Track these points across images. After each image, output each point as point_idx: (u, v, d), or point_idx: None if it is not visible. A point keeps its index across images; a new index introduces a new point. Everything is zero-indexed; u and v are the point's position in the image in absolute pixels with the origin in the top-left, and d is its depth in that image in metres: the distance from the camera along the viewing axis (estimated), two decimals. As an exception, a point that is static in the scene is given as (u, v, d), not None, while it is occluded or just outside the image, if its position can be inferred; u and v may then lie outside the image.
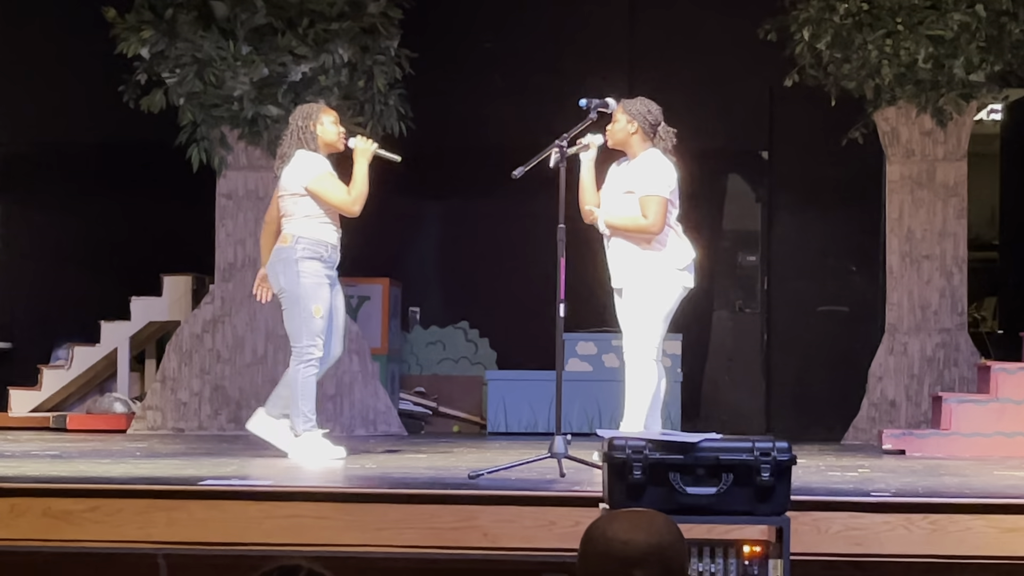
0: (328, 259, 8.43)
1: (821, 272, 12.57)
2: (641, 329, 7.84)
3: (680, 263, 7.89)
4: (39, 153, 12.93)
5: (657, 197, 7.81)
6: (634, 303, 7.88)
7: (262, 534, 6.01)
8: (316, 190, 8.37)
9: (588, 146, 7.97)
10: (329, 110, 8.70)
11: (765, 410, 12.48)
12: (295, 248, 8.34)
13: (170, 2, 11.07)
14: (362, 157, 8.50)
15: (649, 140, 7.95)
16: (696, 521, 5.19)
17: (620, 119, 7.95)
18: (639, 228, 7.83)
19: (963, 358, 11.15)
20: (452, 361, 12.92)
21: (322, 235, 8.40)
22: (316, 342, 8.35)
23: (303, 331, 8.35)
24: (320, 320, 8.34)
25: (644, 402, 7.83)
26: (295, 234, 8.36)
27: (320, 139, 8.49)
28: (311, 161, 8.42)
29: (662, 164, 7.89)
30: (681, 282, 7.90)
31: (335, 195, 8.38)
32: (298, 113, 8.61)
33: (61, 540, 6.05)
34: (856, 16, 10.94)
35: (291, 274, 8.33)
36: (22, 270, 12.93)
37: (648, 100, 8.01)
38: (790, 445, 5.20)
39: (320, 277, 8.36)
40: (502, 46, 12.73)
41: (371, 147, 8.53)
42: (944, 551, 5.88)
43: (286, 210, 8.42)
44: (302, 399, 8.37)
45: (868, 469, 8.15)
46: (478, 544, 5.96)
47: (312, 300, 8.33)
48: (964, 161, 11.25)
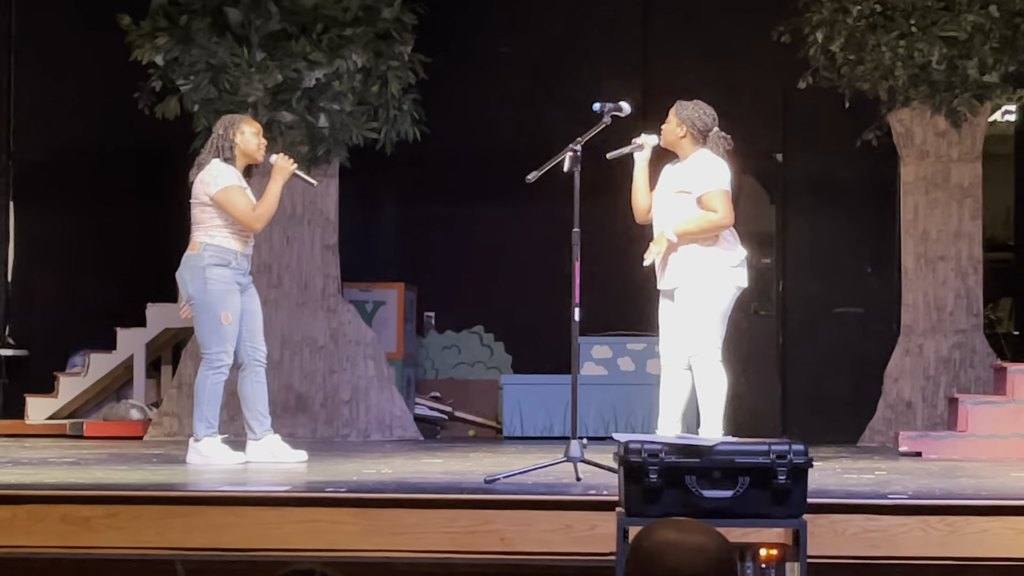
0: (237, 266, 8.49)
1: (836, 274, 12.56)
2: (702, 331, 7.79)
3: (733, 261, 7.87)
4: (55, 160, 12.95)
5: (719, 191, 7.80)
6: (691, 304, 7.82)
7: (279, 540, 6.02)
8: (221, 201, 8.43)
9: (643, 146, 7.99)
10: (252, 121, 8.75)
11: (781, 412, 12.46)
12: (203, 255, 8.41)
13: (184, 9, 11.10)
14: (279, 175, 8.59)
15: (699, 144, 7.94)
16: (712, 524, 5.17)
17: (671, 121, 7.97)
18: (712, 224, 7.80)
19: (979, 359, 11.13)
20: (467, 365, 12.93)
21: (230, 243, 8.47)
22: (226, 348, 8.41)
23: (212, 338, 8.41)
24: (230, 327, 8.40)
25: (720, 404, 7.78)
26: (203, 241, 8.44)
27: (239, 148, 8.55)
28: (220, 171, 8.48)
29: (715, 160, 7.88)
30: (735, 281, 7.87)
31: (238, 209, 8.44)
32: (220, 122, 8.70)
33: (79, 547, 6.06)
34: (870, 18, 10.94)
35: (199, 281, 8.41)
36: (38, 277, 12.97)
37: (703, 104, 7.97)
38: (806, 448, 5.20)
39: (229, 283, 8.42)
40: (516, 50, 12.74)
41: (290, 167, 8.63)
42: (961, 553, 5.87)
43: (195, 218, 8.52)
44: (207, 404, 8.43)
45: (884, 471, 8.14)
46: (494, 548, 5.96)
47: (221, 307, 8.39)
48: (979, 162, 11.24)
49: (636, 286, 12.40)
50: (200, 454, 8.38)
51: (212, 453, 8.37)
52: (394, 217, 12.77)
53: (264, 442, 8.51)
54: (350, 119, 11.29)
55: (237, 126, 8.56)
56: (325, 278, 11.50)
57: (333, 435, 11.31)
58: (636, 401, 11.97)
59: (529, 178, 7.53)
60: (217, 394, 8.45)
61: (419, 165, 12.22)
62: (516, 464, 7.60)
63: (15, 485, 6.75)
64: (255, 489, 6.38)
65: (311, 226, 11.49)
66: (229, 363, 8.43)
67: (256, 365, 8.53)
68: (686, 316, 7.83)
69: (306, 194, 11.44)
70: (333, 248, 11.53)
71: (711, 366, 7.80)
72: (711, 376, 7.80)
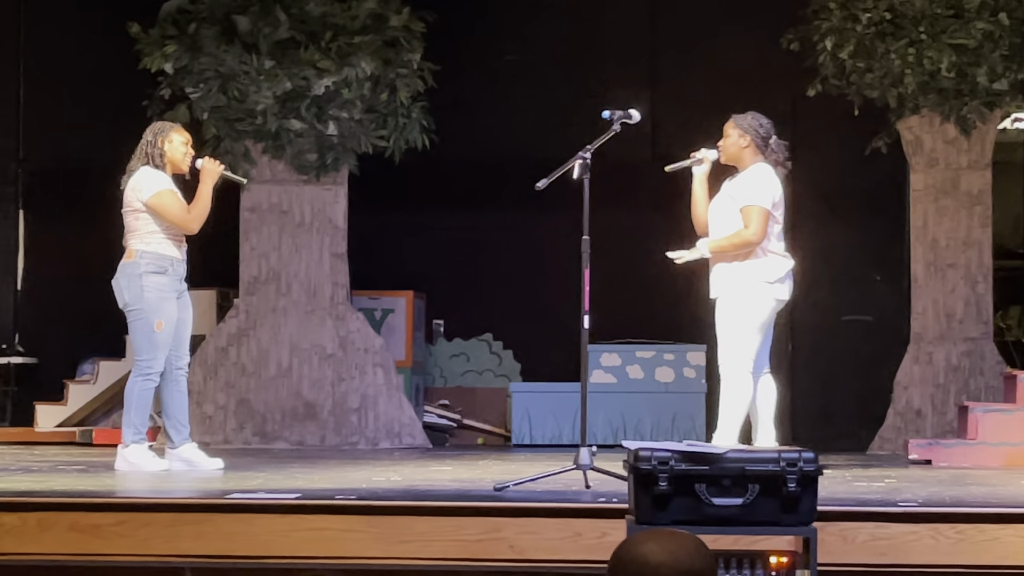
0: (174, 272, 8.51)
1: (845, 281, 12.54)
2: (732, 340, 7.86)
3: (772, 276, 7.89)
4: (64, 168, 12.97)
5: (757, 207, 7.83)
6: (726, 314, 7.91)
7: (288, 547, 6.01)
8: (154, 206, 8.46)
9: (702, 160, 8.04)
10: (181, 130, 8.80)
11: (790, 420, 12.44)
12: (139, 263, 8.45)
13: (193, 17, 11.11)
14: (208, 178, 8.63)
15: (761, 153, 7.97)
16: (722, 532, 5.17)
17: (732, 134, 7.99)
18: (742, 240, 7.85)
19: (989, 367, 11.11)
20: (476, 373, 12.93)
21: (166, 250, 8.49)
22: (157, 356, 8.45)
23: (144, 345, 8.46)
24: (162, 335, 8.43)
25: (738, 414, 7.83)
26: (139, 249, 8.47)
27: (167, 156, 8.59)
28: (150, 177, 8.52)
29: (766, 176, 7.92)
30: (773, 295, 7.90)
31: (172, 212, 8.47)
32: (150, 129, 8.74)
33: (88, 554, 6.06)
34: (879, 25, 10.93)
35: (135, 289, 8.44)
36: (48, 285, 12.98)
37: (759, 114, 8.02)
38: (816, 455, 5.19)
39: (165, 291, 8.45)
40: (524, 58, 12.74)
41: (218, 169, 8.67)
42: (971, 561, 5.86)
43: (129, 226, 8.55)
44: (135, 411, 8.47)
45: (894, 479, 8.12)
46: (504, 556, 5.96)
47: (155, 314, 8.42)
48: (988, 169, 11.23)
49: (646, 294, 12.44)
50: (127, 461, 8.44)
51: (138, 460, 8.42)
52: (403, 225, 12.76)
53: (181, 451, 8.57)
54: (359, 127, 11.30)
55: (167, 134, 8.64)
56: (334, 286, 11.50)
57: (342, 443, 11.30)
58: (645, 409, 11.96)
59: (538, 186, 7.53)
60: (145, 401, 8.50)
61: (428, 173, 12.21)
62: (525, 472, 7.60)
63: (25, 492, 6.75)
64: (264, 497, 6.38)
65: (320, 234, 11.49)
66: (159, 370, 8.47)
67: (178, 373, 8.59)
68: (719, 326, 7.93)
69: (315, 202, 11.45)
70: (342, 256, 11.53)
71: (736, 376, 7.86)
72: (734, 386, 7.86)
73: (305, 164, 11.38)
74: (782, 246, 7.97)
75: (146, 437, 8.53)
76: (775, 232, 7.93)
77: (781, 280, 7.92)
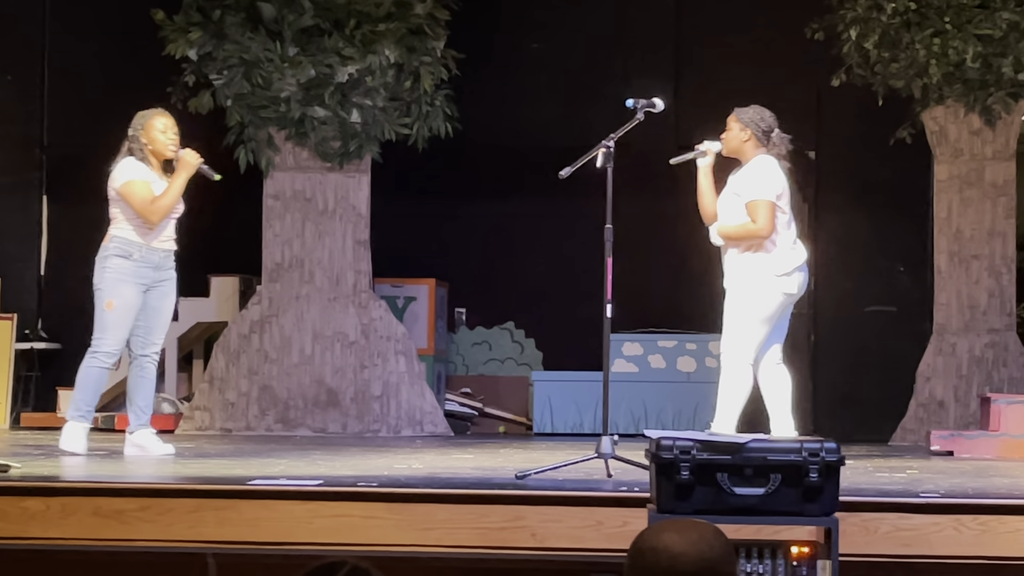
0: (141, 259, 8.58)
1: (869, 272, 12.52)
2: (735, 331, 7.91)
3: (781, 269, 7.89)
4: (87, 154, 12.98)
5: (763, 201, 7.85)
6: (733, 305, 7.96)
7: (311, 534, 6.03)
8: (123, 194, 8.60)
9: (706, 152, 8.08)
10: (163, 113, 8.84)
11: (812, 411, 12.43)
12: (108, 247, 8.61)
13: (218, 4, 11.12)
14: (183, 169, 8.68)
15: (763, 146, 8.00)
16: (744, 522, 5.18)
17: (733, 127, 8.04)
18: (749, 233, 7.88)
19: (1012, 358, 11.09)
20: (498, 362, 12.93)
21: (134, 236, 8.59)
22: (105, 337, 8.53)
23: (97, 324, 8.58)
24: (112, 315, 8.51)
25: (734, 404, 7.87)
26: (112, 234, 8.63)
27: (148, 146, 8.69)
28: (124, 166, 8.63)
29: (769, 169, 7.94)
30: (782, 288, 7.90)
31: (136, 200, 8.57)
32: (135, 118, 8.80)
33: (111, 539, 6.09)
34: (904, 15, 10.90)
35: (99, 270, 8.60)
36: (71, 271, 12.99)
37: (761, 108, 8.05)
38: (839, 446, 5.18)
39: (123, 274, 8.53)
40: (549, 47, 12.73)
41: (196, 162, 8.68)
42: (994, 552, 5.85)
43: (110, 213, 8.70)
44: (80, 389, 8.58)
45: (917, 470, 8.12)
46: (526, 544, 5.97)
47: (108, 294, 8.53)
48: (1013, 160, 11.20)
49: (668, 283, 12.43)
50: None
51: (72, 437, 8.51)
52: (426, 213, 12.76)
53: (135, 436, 8.65)
54: (382, 115, 11.30)
55: (148, 120, 8.69)
56: (356, 273, 11.52)
57: (364, 430, 11.32)
58: (666, 398, 11.95)
59: (562, 174, 7.54)
60: (91, 380, 8.58)
61: (451, 161, 12.21)
62: (547, 460, 7.61)
63: (48, 477, 6.78)
64: (287, 484, 6.39)
65: (343, 221, 11.50)
66: (110, 351, 8.55)
67: (145, 360, 8.68)
68: (725, 315, 7.96)
69: (338, 189, 11.46)
70: (365, 243, 11.54)
71: (735, 367, 7.91)
72: (732, 376, 7.91)
73: (328, 151, 11.39)
74: (792, 235, 7.96)
75: (88, 418, 8.61)
76: (782, 222, 7.93)
77: (790, 273, 7.92)
